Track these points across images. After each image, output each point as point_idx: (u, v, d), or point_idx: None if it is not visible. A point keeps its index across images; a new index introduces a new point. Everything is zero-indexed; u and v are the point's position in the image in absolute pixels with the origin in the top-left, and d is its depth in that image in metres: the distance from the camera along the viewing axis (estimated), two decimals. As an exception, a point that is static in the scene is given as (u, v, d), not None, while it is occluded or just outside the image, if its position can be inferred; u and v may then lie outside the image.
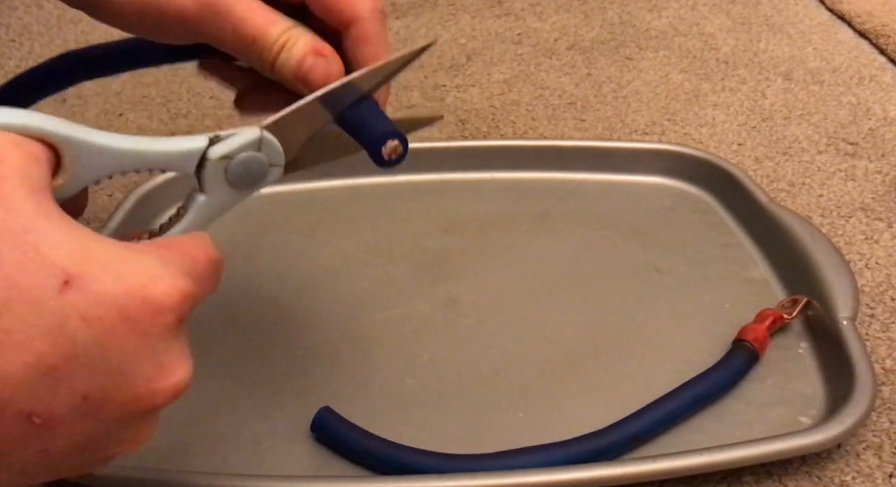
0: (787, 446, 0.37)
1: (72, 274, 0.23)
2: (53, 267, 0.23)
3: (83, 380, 0.23)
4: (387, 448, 0.38)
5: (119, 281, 0.23)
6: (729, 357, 0.42)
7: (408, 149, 0.33)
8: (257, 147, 0.31)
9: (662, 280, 0.48)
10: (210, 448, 0.39)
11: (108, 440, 0.25)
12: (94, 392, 0.23)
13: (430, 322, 0.46)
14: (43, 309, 0.22)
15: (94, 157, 0.27)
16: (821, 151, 0.60)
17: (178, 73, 0.70)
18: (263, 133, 0.31)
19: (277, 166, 0.32)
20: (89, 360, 0.23)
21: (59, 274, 0.23)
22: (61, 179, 0.27)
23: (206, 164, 0.31)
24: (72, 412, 0.23)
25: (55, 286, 0.22)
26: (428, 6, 0.82)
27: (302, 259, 0.50)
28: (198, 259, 0.27)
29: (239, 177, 0.31)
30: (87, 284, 0.23)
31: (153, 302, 0.24)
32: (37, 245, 0.23)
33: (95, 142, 0.27)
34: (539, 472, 0.36)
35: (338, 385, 0.42)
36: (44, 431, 0.23)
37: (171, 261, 0.25)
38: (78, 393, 0.23)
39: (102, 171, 0.28)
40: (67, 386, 0.23)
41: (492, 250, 0.51)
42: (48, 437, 0.23)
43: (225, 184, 0.31)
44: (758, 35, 0.76)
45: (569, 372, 0.43)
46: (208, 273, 0.27)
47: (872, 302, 0.47)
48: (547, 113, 0.65)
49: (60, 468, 0.25)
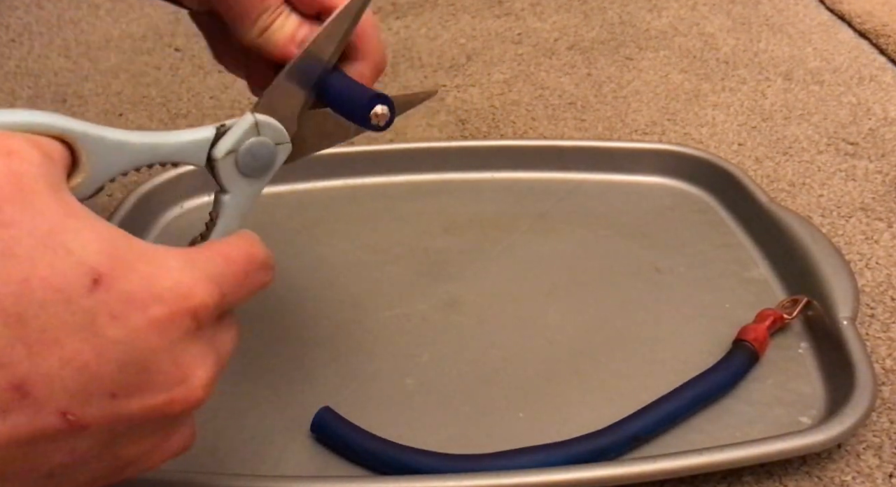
0: (787, 446, 0.37)
1: (101, 272, 0.23)
2: (83, 266, 0.23)
3: (111, 378, 0.23)
4: (387, 448, 0.38)
5: (143, 281, 0.24)
6: (729, 357, 0.42)
7: (395, 109, 0.34)
8: (256, 131, 0.32)
9: (662, 280, 0.48)
10: (210, 448, 0.39)
11: (130, 444, 0.25)
12: (121, 390, 0.24)
13: (430, 322, 0.46)
14: (75, 307, 0.23)
15: (109, 153, 0.28)
16: (821, 151, 0.60)
17: (178, 73, 0.70)
18: (256, 116, 0.32)
19: (284, 143, 0.33)
20: (117, 357, 0.23)
21: (89, 273, 0.23)
22: (79, 178, 0.27)
23: (216, 164, 0.31)
24: (101, 410, 0.23)
25: (86, 284, 0.23)
26: (428, 6, 0.82)
27: (302, 259, 0.50)
28: (231, 257, 0.27)
29: (250, 166, 0.32)
30: (115, 283, 0.23)
31: (173, 305, 0.24)
32: (66, 244, 0.23)
33: (109, 137, 0.28)
34: (539, 472, 0.36)
35: (338, 385, 0.42)
36: (76, 430, 0.23)
37: (196, 264, 0.26)
38: (107, 391, 0.23)
39: (118, 167, 0.28)
40: (98, 383, 0.23)
41: (492, 250, 0.51)
42: (79, 436, 0.24)
43: (241, 177, 0.32)
44: (758, 35, 0.76)
45: (569, 372, 0.43)
46: (244, 270, 0.28)
47: (872, 302, 0.47)
48: (547, 113, 0.65)
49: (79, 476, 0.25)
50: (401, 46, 0.75)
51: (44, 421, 0.23)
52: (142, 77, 0.70)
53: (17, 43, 0.75)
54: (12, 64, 0.72)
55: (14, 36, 0.76)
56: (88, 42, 0.75)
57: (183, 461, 0.38)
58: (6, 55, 0.73)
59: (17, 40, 0.76)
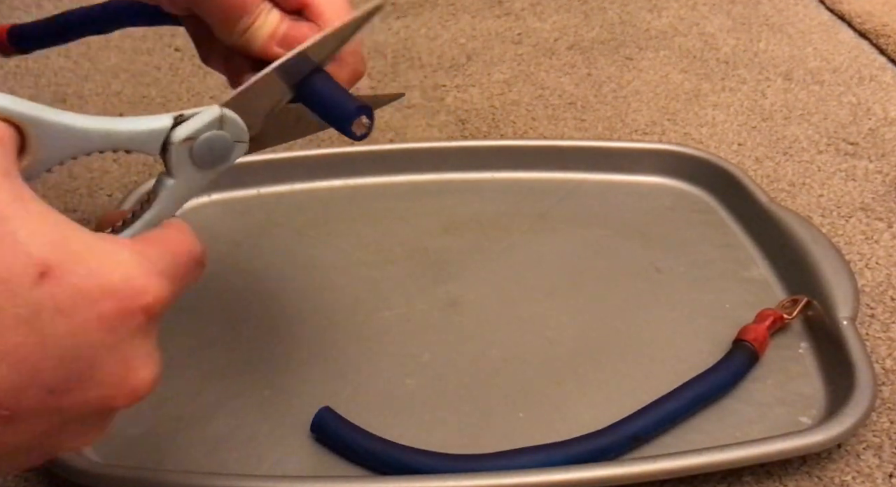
0: (787, 446, 0.37)
1: (49, 264, 0.22)
2: (31, 257, 0.22)
3: (52, 373, 0.23)
4: (387, 448, 0.38)
5: (93, 276, 0.23)
6: (729, 357, 0.42)
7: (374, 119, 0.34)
8: (219, 125, 0.31)
9: (662, 280, 0.48)
10: (210, 448, 0.39)
11: (62, 436, 0.25)
12: (60, 385, 0.23)
13: (430, 322, 0.46)
14: (19, 299, 0.22)
15: (58, 137, 0.27)
16: (821, 151, 0.60)
17: (178, 73, 0.70)
18: (224, 111, 0.31)
19: (241, 142, 0.32)
20: (59, 353, 0.23)
21: (37, 264, 0.22)
22: (25, 161, 0.26)
23: (170, 148, 0.30)
24: (37, 405, 0.23)
25: (32, 275, 0.22)
26: (428, 6, 0.82)
27: (302, 259, 0.50)
28: (178, 253, 0.27)
29: (204, 158, 0.31)
30: (63, 276, 0.23)
31: (124, 301, 0.24)
32: (14, 233, 0.22)
33: (60, 121, 0.27)
34: (539, 472, 0.36)
35: (338, 385, 0.42)
36: (7, 424, 0.23)
37: (148, 258, 0.25)
38: (45, 386, 0.23)
39: (68, 151, 0.28)
40: (36, 378, 0.23)
41: (492, 250, 0.51)
42: (10, 431, 0.23)
43: (191, 165, 0.31)
44: (758, 35, 0.76)
45: (569, 372, 0.43)
46: (188, 268, 0.27)
47: (872, 302, 0.47)
48: (547, 113, 0.65)
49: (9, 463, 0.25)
50: (401, 46, 0.75)
51: None
52: (142, 77, 0.70)
53: (17, 43, 0.75)
54: (12, 64, 0.72)
55: (14, 36, 0.76)
56: (88, 42, 0.75)
57: (183, 460, 0.38)
58: (6, 55, 0.73)
59: (17, 40, 0.76)
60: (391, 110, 0.64)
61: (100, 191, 0.56)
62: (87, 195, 0.56)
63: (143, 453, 0.38)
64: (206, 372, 0.42)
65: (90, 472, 0.36)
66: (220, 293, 0.47)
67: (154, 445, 0.39)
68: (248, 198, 0.54)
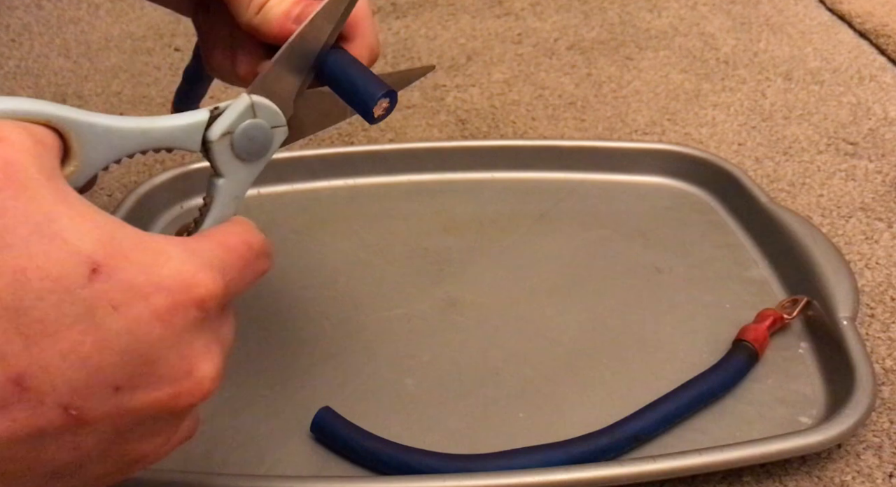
0: (787, 446, 0.37)
1: (99, 262, 0.22)
2: (80, 255, 0.22)
3: (114, 370, 0.23)
4: (387, 448, 0.38)
5: (143, 271, 0.23)
6: (729, 357, 0.42)
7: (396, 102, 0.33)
8: (252, 113, 0.31)
9: (662, 280, 0.48)
10: (210, 448, 0.39)
11: (133, 441, 0.25)
12: (125, 382, 0.23)
13: (430, 322, 0.46)
14: (74, 297, 0.22)
15: (101, 140, 0.27)
16: (821, 151, 0.60)
17: (178, 73, 0.70)
18: (253, 97, 0.31)
19: (280, 127, 0.32)
20: (119, 349, 0.23)
21: (87, 262, 0.22)
22: (72, 166, 0.26)
23: (211, 147, 0.30)
24: (104, 404, 0.23)
25: (84, 274, 0.22)
26: (428, 6, 0.82)
27: (302, 259, 0.50)
28: (231, 246, 0.27)
29: (246, 149, 0.31)
30: (114, 273, 0.22)
31: (177, 295, 0.23)
32: (62, 233, 0.22)
33: (100, 123, 0.27)
34: (539, 472, 0.36)
35: (338, 385, 0.42)
36: (79, 425, 0.23)
37: (197, 253, 0.25)
38: (110, 384, 0.23)
39: (111, 154, 0.28)
40: (100, 376, 0.22)
41: (492, 250, 0.51)
42: (82, 432, 0.23)
43: (236, 160, 0.31)
44: (758, 35, 0.76)
45: (569, 372, 0.43)
46: (244, 259, 0.27)
47: (872, 302, 0.47)
48: (547, 113, 0.65)
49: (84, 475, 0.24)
50: (401, 46, 0.75)
51: (45, 416, 0.22)
52: (142, 77, 0.70)
53: (17, 43, 0.75)
54: (12, 64, 0.72)
55: (14, 36, 0.76)
56: (88, 42, 0.75)
57: (183, 460, 0.38)
58: (6, 55, 0.73)
59: (17, 40, 0.76)
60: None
61: (100, 191, 0.56)
62: (88, 195, 0.56)
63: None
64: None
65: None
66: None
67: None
68: (248, 198, 0.54)
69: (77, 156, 0.26)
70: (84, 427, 0.23)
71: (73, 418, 0.22)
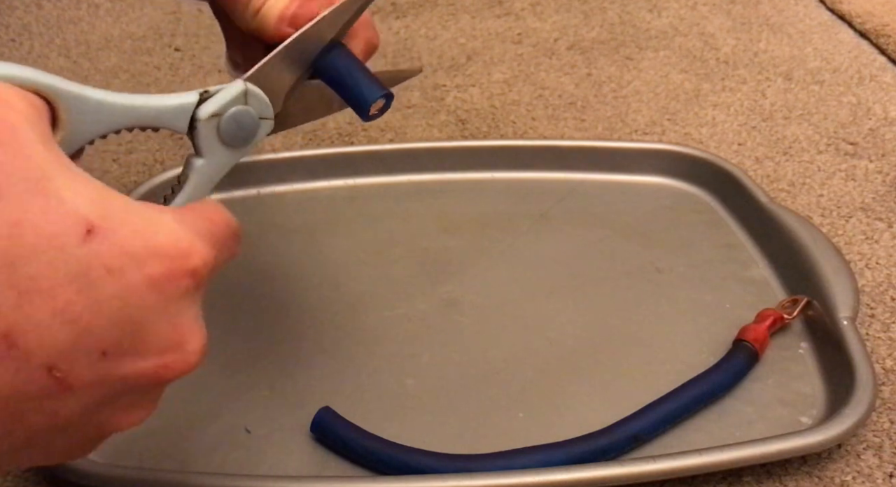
0: (787, 446, 0.37)
1: (94, 223, 0.22)
2: (76, 215, 0.22)
3: (103, 335, 0.22)
4: (387, 448, 0.38)
5: (139, 236, 0.23)
6: (729, 357, 0.42)
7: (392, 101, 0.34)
8: (244, 100, 0.31)
9: (662, 280, 0.48)
10: (210, 448, 0.39)
11: (113, 411, 0.24)
12: (113, 349, 0.22)
13: (430, 322, 0.46)
14: (69, 256, 0.21)
15: (89, 112, 0.27)
16: (821, 151, 0.60)
17: (178, 73, 0.70)
18: (248, 85, 0.31)
19: (267, 119, 0.32)
20: (110, 314, 0.22)
21: (82, 222, 0.22)
22: (58, 136, 0.26)
23: (197, 125, 0.30)
24: (89, 370, 0.22)
25: (79, 233, 0.22)
26: (428, 6, 0.82)
27: (302, 259, 0.50)
28: (216, 222, 0.26)
29: (231, 135, 0.31)
30: (109, 236, 0.22)
31: (172, 263, 0.23)
32: (59, 192, 0.22)
33: (90, 96, 0.27)
34: (539, 472, 0.36)
35: (338, 385, 0.42)
36: (61, 389, 0.22)
37: (188, 223, 0.24)
38: (98, 349, 0.22)
39: (98, 127, 0.28)
40: (89, 339, 0.22)
41: (492, 250, 0.51)
42: (63, 397, 0.22)
43: (219, 143, 0.31)
44: (758, 35, 0.76)
45: (569, 372, 0.43)
46: (226, 237, 0.27)
47: (872, 302, 0.47)
48: (547, 113, 0.65)
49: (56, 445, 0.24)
50: (401, 46, 0.75)
51: (28, 376, 0.21)
52: (142, 77, 0.70)
53: (17, 43, 0.75)
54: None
55: (14, 36, 0.76)
56: (88, 42, 0.75)
57: (183, 460, 0.38)
58: (6, 55, 0.73)
59: (17, 40, 0.76)
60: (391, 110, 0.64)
61: (100, 191, 0.56)
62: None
63: (143, 453, 0.38)
64: (205, 372, 0.42)
65: (90, 472, 0.36)
66: (219, 293, 0.47)
67: (154, 445, 0.39)
68: (248, 198, 0.54)
69: (64, 127, 0.26)
70: (66, 392, 0.22)
71: (56, 381, 0.22)
